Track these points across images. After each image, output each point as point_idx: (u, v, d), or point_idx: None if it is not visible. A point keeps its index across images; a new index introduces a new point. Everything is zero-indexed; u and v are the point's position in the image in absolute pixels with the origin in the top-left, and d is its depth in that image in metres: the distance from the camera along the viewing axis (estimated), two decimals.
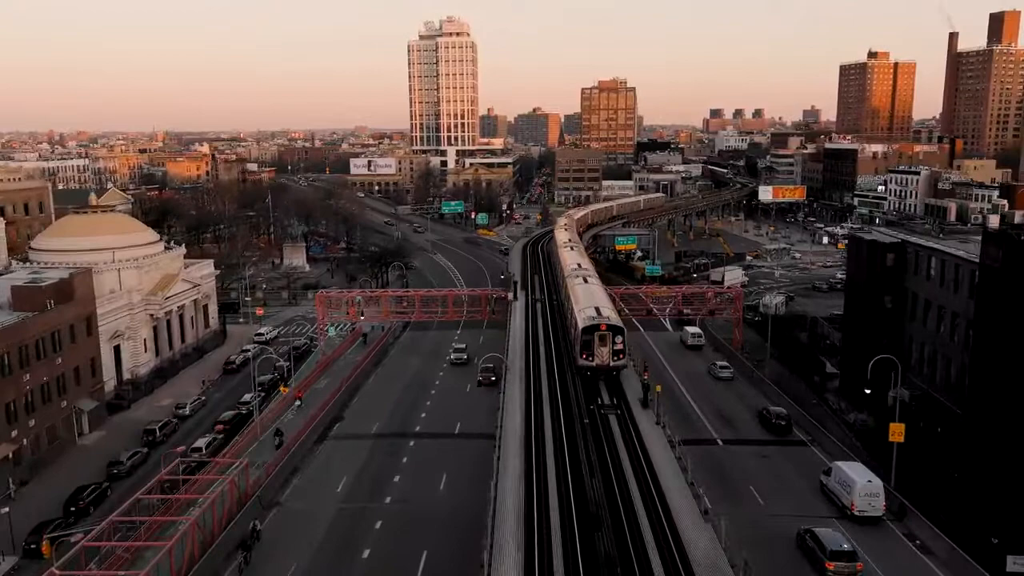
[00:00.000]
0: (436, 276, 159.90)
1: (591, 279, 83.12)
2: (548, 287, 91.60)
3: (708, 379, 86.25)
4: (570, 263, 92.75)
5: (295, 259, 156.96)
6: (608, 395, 61.18)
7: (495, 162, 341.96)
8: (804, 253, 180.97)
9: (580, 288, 77.00)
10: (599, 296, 73.13)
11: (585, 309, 64.43)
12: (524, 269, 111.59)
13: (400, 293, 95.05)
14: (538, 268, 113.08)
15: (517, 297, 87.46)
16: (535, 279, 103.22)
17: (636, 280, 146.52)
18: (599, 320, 60.50)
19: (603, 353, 59.10)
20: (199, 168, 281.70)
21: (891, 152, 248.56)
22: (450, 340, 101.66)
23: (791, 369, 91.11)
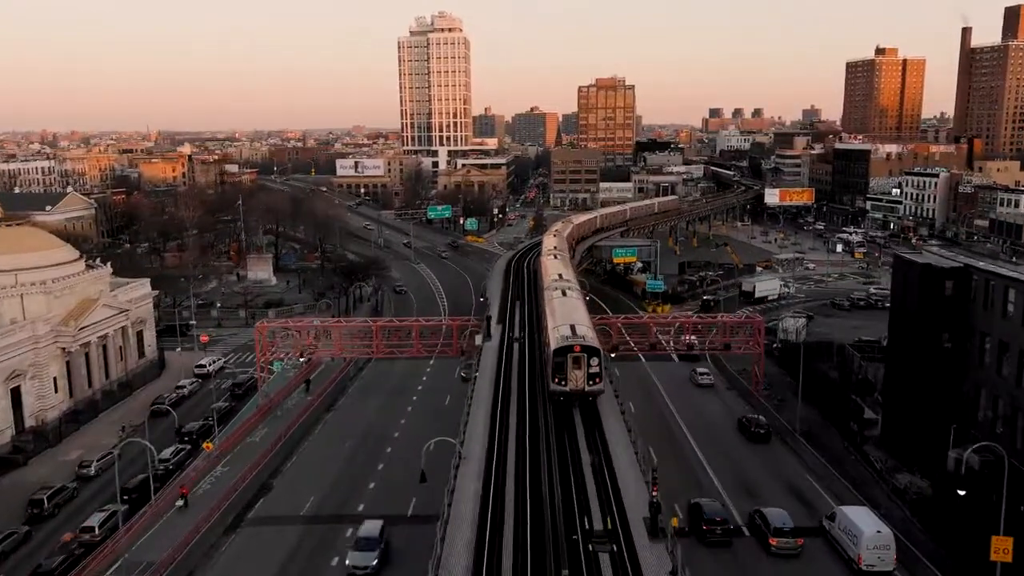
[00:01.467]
0: (417, 289, 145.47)
1: (571, 292, 71.90)
2: (533, 319, 76.49)
3: (730, 435, 71.86)
4: (551, 273, 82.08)
5: (260, 272, 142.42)
6: (585, 434, 50.61)
7: (488, 163, 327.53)
8: (818, 263, 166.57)
9: (558, 302, 66.88)
10: (577, 312, 63.41)
11: (560, 327, 56.82)
12: (505, 294, 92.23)
13: (358, 324, 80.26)
14: (521, 292, 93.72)
15: (491, 335, 69.69)
16: (516, 308, 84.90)
17: (636, 296, 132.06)
18: (573, 340, 53.09)
19: (577, 377, 52.21)
20: (174, 170, 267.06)
21: (905, 153, 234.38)
22: (421, 373, 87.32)
23: (822, 413, 76.79)
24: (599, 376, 52.64)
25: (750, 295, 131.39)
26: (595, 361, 52.23)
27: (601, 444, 48.31)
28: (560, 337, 54.06)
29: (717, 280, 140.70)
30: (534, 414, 54.07)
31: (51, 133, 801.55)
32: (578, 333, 54.47)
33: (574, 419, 52.20)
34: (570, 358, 51.97)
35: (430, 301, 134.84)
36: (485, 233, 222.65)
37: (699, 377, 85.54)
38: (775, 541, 50.27)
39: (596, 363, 52.26)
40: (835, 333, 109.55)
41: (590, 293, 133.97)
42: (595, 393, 53.24)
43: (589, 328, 58.16)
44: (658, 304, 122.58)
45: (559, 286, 73.93)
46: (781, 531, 50.66)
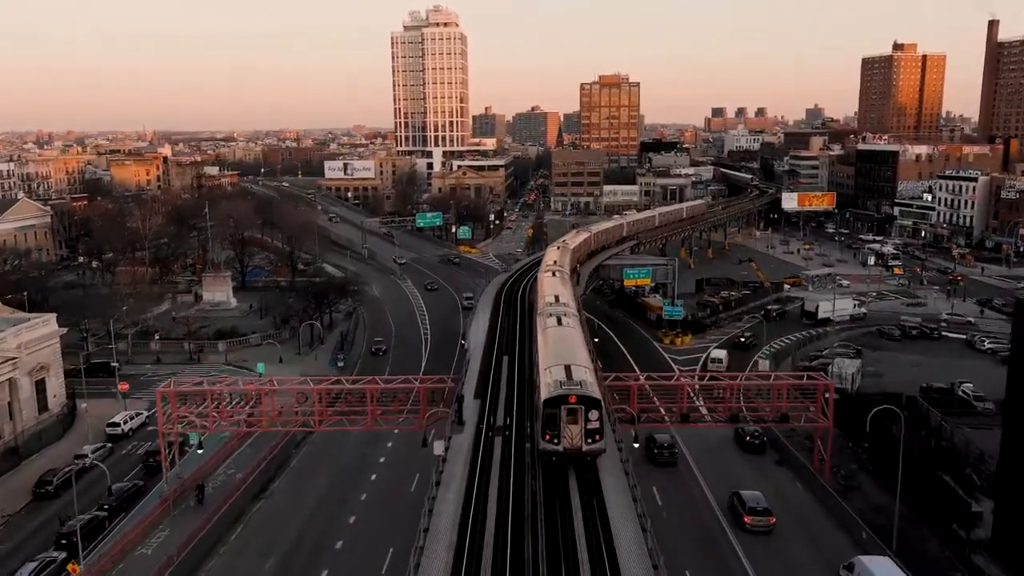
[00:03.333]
0: (397, 313, 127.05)
1: (568, 319, 58.59)
2: (528, 385, 57.25)
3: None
4: (546, 294, 68.31)
5: (217, 293, 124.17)
6: (582, 507, 40.16)
7: (485, 164, 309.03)
8: (851, 278, 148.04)
9: (552, 333, 54.83)
10: (575, 348, 51.91)
11: (552, 369, 46.56)
12: (491, 342, 69.72)
13: (295, 385, 61.33)
14: (513, 339, 70.37)
15: (463, 422, 48.80)
16: (505, 368, 62.57)
17: (649, 322, 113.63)
18: (568, 388, 43.35)
19: (572, 433, 42.87)
20: (148, 172, 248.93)
21: (936, 154, 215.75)
22: (384, 437, 68.90)
23: (911, 506, 58.29)
24: (600, 432, 43.18)
25: (812, 315, 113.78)
26: (595, 414, 42.84)
27: (601, 520, 38.62)
28: (552, 383, 44.01)
29: (744, 301, 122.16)
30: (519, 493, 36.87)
31: (47, 133, 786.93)
32: (575, 377, 44.21)
33: (568, 487, 42.43)
34: (564, 410, 42.36)
35: (412, 323, 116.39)
36: (480, 242, 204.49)
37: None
38: (749, 519, 54.48)
39: (596, 416, 42.90)
40: (890, 373, 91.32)
41: (595, 319, 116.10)
42: (595, 453, 43.59)
43: (589, 370, 47.20)
44: (677, 334, 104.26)
45: (555, 311, 60.23)
46: (755, 510, 54.76)
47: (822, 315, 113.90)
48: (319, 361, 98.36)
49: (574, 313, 64.52)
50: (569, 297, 72.05)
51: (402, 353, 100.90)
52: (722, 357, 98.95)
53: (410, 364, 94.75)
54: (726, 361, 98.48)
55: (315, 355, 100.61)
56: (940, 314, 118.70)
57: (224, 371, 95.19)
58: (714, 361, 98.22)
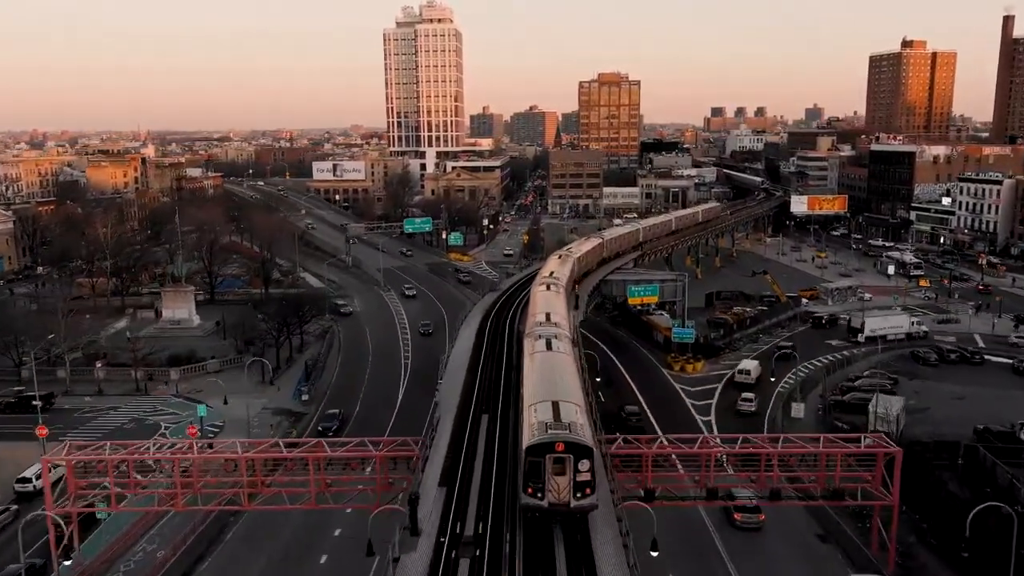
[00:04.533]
0: (378, 331, 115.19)
1: (559, 342, 50.76)
2: (511, 459, 45.02)
3: None
4: (537, 311, 60.36)
5: (178, 310, 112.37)
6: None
7: (480, 166, 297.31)
8: (873, 290, 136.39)
9: (540, 360, 47.49)
10: (565, 379, 44.46)
11: (537, 407, 39.67)
12: (468, 395, 55.70)
13: (221, 451, 48.97)
14: (498, 389, 57.08)
15: (419, 531, 36.72)
16: (482, 435, 49.04)
17: (656, 344, 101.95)
18: (555, 432, 36.48)
19: (559, 486, 36.14)
20: (126, 174, 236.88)
21: (955, 155, 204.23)
22: (336, 513, 56.78)
23: None
24: (591, 485, 37.00)
25: (857, 332, 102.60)
26: (585, 464, 36.79)
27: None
28: (537, 425, 37.69)
29: (760, 319, 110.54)
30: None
31: (41, 133, 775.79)
32: (563, 418, 37.91)
33: (554, 551, 36.00)
34: (549, 459, 36.27)
35: (388, 351, 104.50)
36: (473, 248, 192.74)
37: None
38: (739, 516, 54.78)
39: (587, 467, 36.85)
40: (935, 409, 79.74)
41: (595, 339, 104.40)
42: (585, 509, 37.28)
43: (581, 408, 40.17)
44: (688, 360, 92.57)
45: (544, 333, 52.51)
46: (744, 507, 54.45)
47: (869, 333, 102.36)
48: (283, 392, 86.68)
49: (566, 335, 54.59)
50: (563, 315, 61.38)
51: (376, 386, 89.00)
52: (751, 369, 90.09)
53: (384, 399, 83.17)
54: (756, 374, 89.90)
55: (278, 386, 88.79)
56: (975, 333, 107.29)
57: (172, 405, 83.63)
58: (742, 372, 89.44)
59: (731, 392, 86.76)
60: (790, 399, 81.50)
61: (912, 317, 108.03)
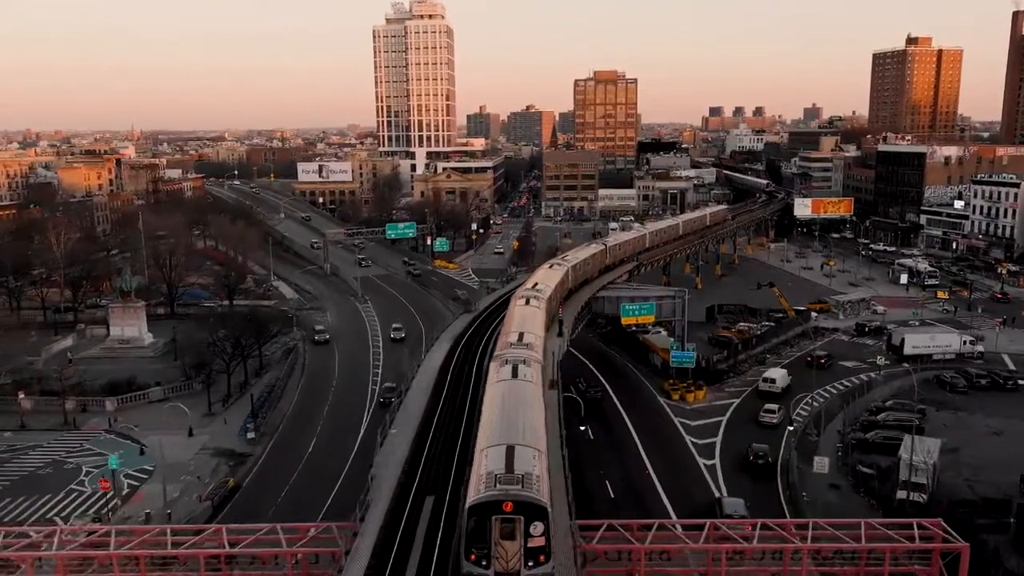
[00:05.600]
0: (348, 348, 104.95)
1: (527, 368, 43.84)
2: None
3: None
4: (511, 331, 53.40)
5: (127, 327, 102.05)
6: None
7: (472, 166, 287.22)
8: (886, 302, 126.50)
9: (500, 391, 40.84)
10: (527, 417, 37.27)
11: (489, 453, 32.53)
12: (411, 472, 44.65)
13: (81, 552, 37.97)
14: (453, 452, 47.04)
15: None
16: (421, 527, 38.92)
17: (653, 368, 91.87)
18: (505, 489, 29.68)
19: (508, 553, 29.70)
20: (100, 176, 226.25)
21: (967, 156, 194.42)
22: None
23: None
24: (546, 552, 30.52)
25: (898, 349, 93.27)
26: (539, 527, 30.37)
27: None
28: (485, 477, 31.42)
29: (763, 335, 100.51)
30: None
31: (34, 133, 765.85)
32: (517, 468, 31.70)
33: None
34: (496, 521, 30.09)
35: (356, 373, 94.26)
36: (461, 255, 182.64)
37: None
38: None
39: (541, 530, 30.42)
40: (967, 447, 69.80)
41: (584, 359, 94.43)
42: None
43: (541, 454, 33.63)
44: (687, 388, 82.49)
45: (512, 357, 45.70)
46: (731, 518, 50.14)
47: (911, 351, 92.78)
48: (231, 426, 76.45)
49: (537, 359, 47.65)
50: (538, 334, 52.82)
51: (338, 417, 78.76)
52: (777, 378, 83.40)
53: (344, 434, 73.07)
54: (782, 383, 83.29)
55: (225, 418, 78.59)
56: (1004, 353, 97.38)
57: (102, 443, 73.46)
58: (767, 381, 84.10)
59: (753, 403, 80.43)
60: (805, 435, 71.60)
61: (964, 336, 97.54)
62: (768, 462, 66.21)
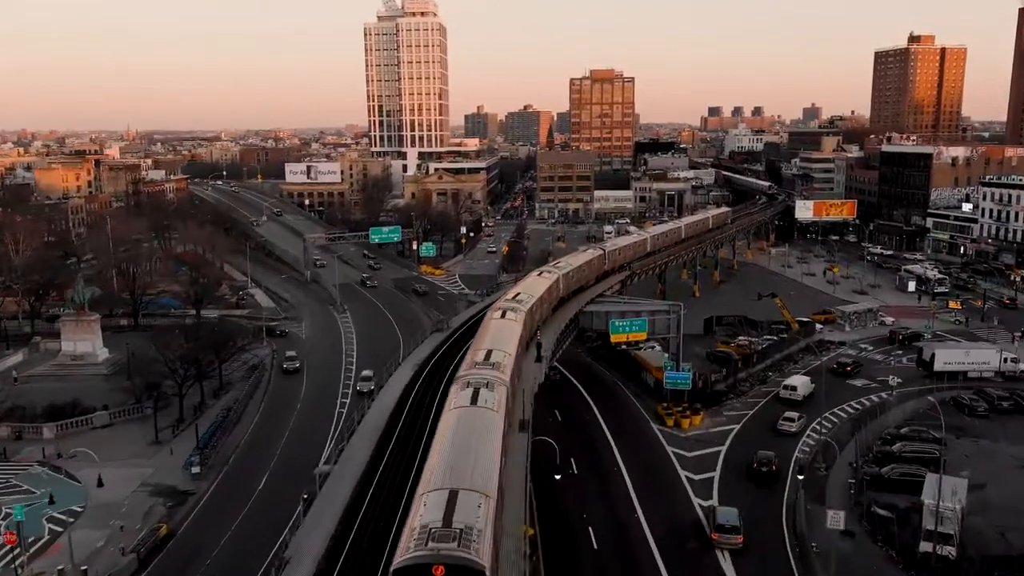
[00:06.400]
0: (319, 366, 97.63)
1: (489, 392, 38.54)
2: None
3: None
4: (480, 348, 48.04)
5: (80, 342, 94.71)
6: None
7: (465, 167, 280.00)
8: (893, 312, 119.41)
9: (456, 420, 35.59)
10: (481, 453, 31.90)
11: (429, 499, 27.96)
12: (335, 549, 36.69)
13: None
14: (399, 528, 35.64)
15: None
16: None
17: (646, 388, 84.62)
18: (436, 548, 24.99)
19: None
20: (78, 177, 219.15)
21: (975, 157, 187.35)
22: None
23: None
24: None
25: (927, 365, 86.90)
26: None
27: None
28: (416, 533, 25.66)
29: (765, 351, 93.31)
30: None
31: (30, 133, 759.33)
32: (456, 519, 26.09)
33: None
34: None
35: (322, 398, 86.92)
36: (449, 259, 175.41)
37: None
38: (716, 536, 51.70)
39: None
40: (996, 485, 62.52)
41: (571, 376, 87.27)
42: None
43: (487, 505, 27.65)
44: (683, 412, 75.24)
45: (475, 379, 40.56)
46: (722, 527, 51.74)
47: (941, 367, 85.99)
48: (177, 457, 69.07)
49: (503, 381, 41.76)
50: (509, 353, 46.69)
51: (298, 446, 71.34)
52: (798, 385, 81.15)
53: (301, 469, 65.59)
54: (804, 391, 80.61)
55: (172, 448, 71.20)
56: None
57: (32, 478, 66.10)
58: (788, 388, 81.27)
59: (774, 408, 77.08)
60: (812, 468, 64.34)
61: (1005, 353, 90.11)
62: (772, 470, 63.22)
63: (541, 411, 70.70)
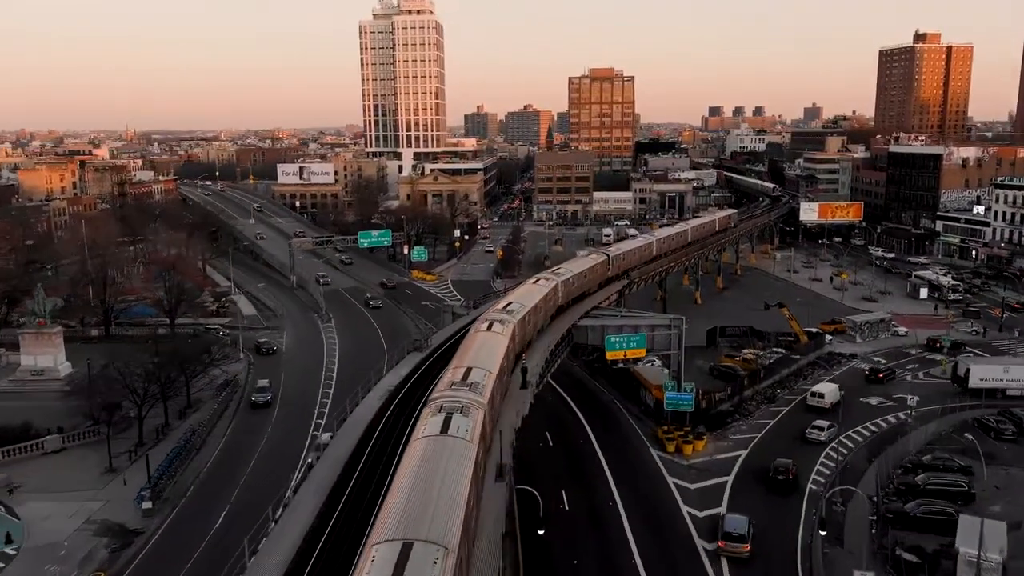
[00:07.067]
0: (290, 387, 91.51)
1: (463, 418, 33.95)
2: None
3: None
4: (458, 366, 42.68)
5: (41, 356, 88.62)
6: None
7: (461, 168, 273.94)
8: (908, 322, 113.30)
9: (421, 452, 30.72)
10: (444, 495, 26.95)
11: (376, 553, 23.44)
12: None
13: None
14: None
15: None
16: None
17: (645, 408, 78.46)
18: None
19: None
20: (63, 179, 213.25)
21: (987, 158, 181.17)
22: None
23: None
24: None
25: (962, 381, 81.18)
26: None
27: None
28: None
29: (772, 366, 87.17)
30: None
31: (28, 133, 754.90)
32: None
33: None
34: None
35: (294, 425, 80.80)
36: (443, 264, 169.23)
37: None
38: (723, 544, 50.65)
39: None
40: None
41: (564, 393, 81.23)
42: None
43: (444, 563, 22.82)
44: (685, 436, 69.08)
45: (448, 403, 35.65)
46: (729, 535, 50.77)
47: (977, 384, 79.68)
48: (130, 488, 62.88)
49: (480, 404, 36.71)
50: (490, 372, 41.46)
51: (264, 474, 65.32)
52: (826, 393, 78.42)
53: (261, 503, 59.54)
54: (831, 399, 77.61)
55: (125, 477, 64.97)
56: None
57: None
58: (815, 396, 78.71)
59: (781, 432, 72.08)
60: (828, 503, 58.24)
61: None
62: (789, 479, 61.50)
63: (531, 435, 64.77)
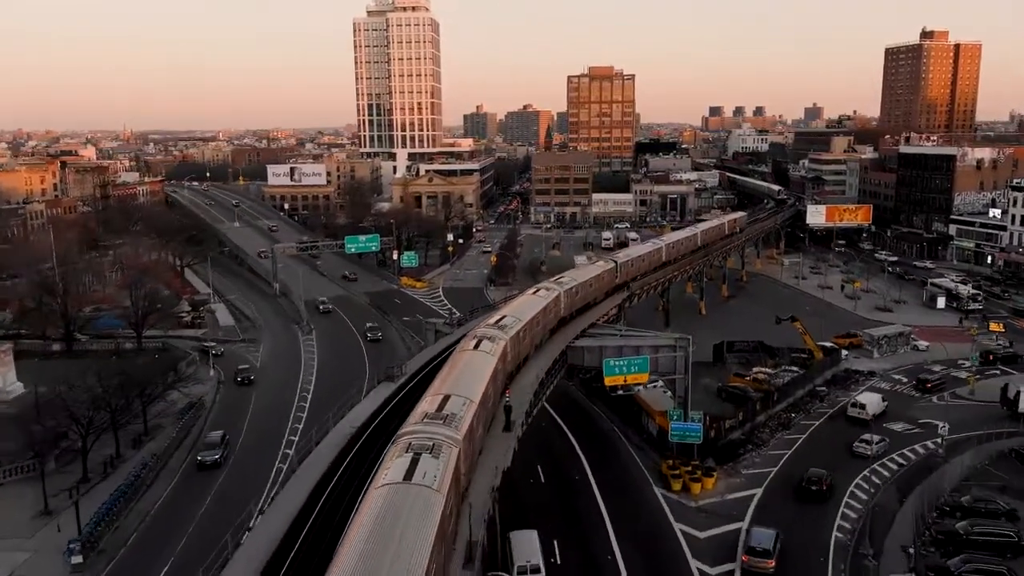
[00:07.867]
0: (258, 412, 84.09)
1: (431, 459, 29.26)
2: None
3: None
4: (439, 393, 37.41)
5: None
6: None
7: (457, 168, 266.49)
8: (927, 334, 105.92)
9: (381, 503, 26.40)
10: (403, 559, 23.47)
11: None
12: None
13: None
14: None
15: None
16: None
17: (648, 437, 70.99)
18: None
19: None
20: (43, 180, 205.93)
21: (1002, 159, 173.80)
22: None
23: None
24: None
25: (1012, 403, 74.57)
26: None
27: None
28: None
29: (785, 388, 79.73)
30: None
31: (25, 133, 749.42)
32: None
33: None
34: None
35: (255, 462, 73.35)
36: (434, 270, 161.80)
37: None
38: (746, 559, 48.54)
39: None
40: None
41: (559, 418, 73.89)
42: None
43: None
44: (692, 471, 61.63)
45: (418, 440, 31.29)
46: (754, 550, 48.64)
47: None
48: (64, 535, 55.35)
49: (454, 441, 32.46)
50: (471, 401, 37.27)
51: (214, 522, 57.84)
52: (867, 403, 74.80)
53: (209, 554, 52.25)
54: (873, 410, 74.22)
55: (59, 523, 57.48)
56: None
57: None
58: (856, 407, 75.20)
59: (797, 464, 64.30)
60: (858, 555, 50.88)
61: None
62: (823, 489, 59.05)
63: (521, 468, 57.50)
